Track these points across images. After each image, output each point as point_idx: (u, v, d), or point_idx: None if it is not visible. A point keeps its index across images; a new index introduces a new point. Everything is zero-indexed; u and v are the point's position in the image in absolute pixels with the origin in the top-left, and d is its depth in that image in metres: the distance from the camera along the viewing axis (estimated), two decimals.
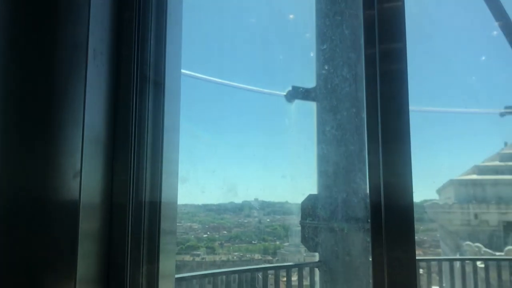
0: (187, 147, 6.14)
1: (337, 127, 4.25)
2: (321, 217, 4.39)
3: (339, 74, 4.23)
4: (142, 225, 1.58)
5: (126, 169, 1.55)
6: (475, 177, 15.99)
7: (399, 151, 1.18)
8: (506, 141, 18.16)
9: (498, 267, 6.28)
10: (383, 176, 1.15)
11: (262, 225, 14.97)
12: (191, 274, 4.71)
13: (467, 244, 13.18)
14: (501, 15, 5.39)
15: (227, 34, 15.84)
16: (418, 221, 17.83)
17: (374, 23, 1.29)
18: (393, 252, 1.09)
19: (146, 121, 1.63)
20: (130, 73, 1.60)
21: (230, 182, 13.19)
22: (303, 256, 7.91)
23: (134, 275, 1.54)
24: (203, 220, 15.08)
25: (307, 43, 4.63)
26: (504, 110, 18.28)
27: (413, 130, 1.27)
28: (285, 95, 4.81)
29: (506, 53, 6.06)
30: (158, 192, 1.63)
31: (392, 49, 1.27)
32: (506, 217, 14.77)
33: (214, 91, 17.46)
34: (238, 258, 14.11)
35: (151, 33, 1.67)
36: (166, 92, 1.70)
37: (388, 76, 1.24)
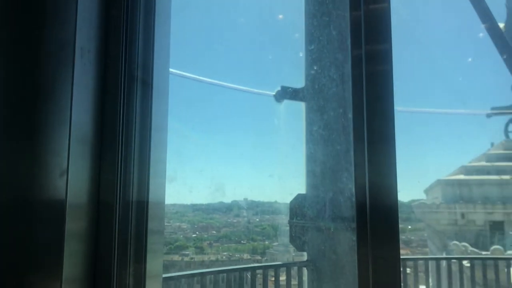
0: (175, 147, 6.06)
1: (324, 127, 4.28)
2: (309, 216, 4.41)
3: (326, 74, 4.26)
4: (129, 225, 1.57)
5: (114, 168, 1.54)
6: (462, 177, 16.17)
7: (384, 151, 1.19)
8: (492, 142, 18.40)
9: (484, 266, 6.37)
10: (368, 176, 1.16)
11: (251, 225, 14.98)
12: (179, 274, 4.70)
13: (454, 244, 13.33)
14: (487, 18, 5.46)
15: (217, 33, 15.83)
16: (406, 221, 17.98)
17: (360, 24, 1.30)
18: (378, 251, 1.10)
19: (133, 120, 1.63)
20: (117, 72, 1.60)
21: (218, 182, 13.16)
22: (292, 256, 7.92)
23: (121, 275, 1.53)
24: (192, 220, 15.04)
25: (296, 44, 4.65)
26: (490, 111, 18.52)
27: (401, 130, 1.28)
28: (274, 95, 4.83)
29: (492, 54, 6.15)
30: (145, 191, 1.62)
31: (378, 50, 1.29)
32: (492, 216, 14.96)
33: (203, 91, 17.42)
34: (227, 258, 14.11)
35: (139, 31, 1.66)
36: (154, 91, 1.70)
37: (374, 77, 1.25)
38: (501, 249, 11.48)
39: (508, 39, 10.79)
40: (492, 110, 18.66)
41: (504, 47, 5.86)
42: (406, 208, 17.30)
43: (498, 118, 19.00)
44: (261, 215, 14.77)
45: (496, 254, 10.15)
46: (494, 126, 18.74)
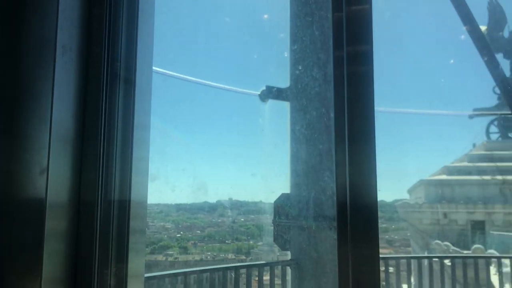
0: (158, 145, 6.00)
1: (307, 127, 4.31)
2: (293, 216, 4.43)
3: (309, 74, 4.28)
4: (110, 224, 1.56)
5: (95, 167, 1.53)
6: (444, 178, 16.41)
7: (364, 151, 1.20)
8: (474, 143, 18.73)
9: (464, 264, 6.48)
10: (349, 176, 1.18)
11: (236, 225, 14.98)
12: (162, 273, 4.67)
13: (436, 243, 13.51)
14: (469, 20, 5.55)
15: (202, 32, 15.79)
16: (390, 220, 18.18)
17: (342, 25, 1.31)
18: (358, 249, 1.11)
19: (116, 119, 1.62)
20: (100, 70, 1.58)
21: (201, 181, 13.11)
22: (277, 255, 7.94)
23: (102, 275, 1.52)
24: (176, 219, 14.97)
25: (281, 43, 4.67)
26: (472, 113, 18.84)
27: (385, 131, 1.30)
28: (259, 94, 4.83)
29: (474, 56, 6.25)
30: (127, 190, 1.61)
31: (359, 51, 1.30)
32: (474, 216, 15.21)
33: (187, 90, 17.36)
34: (212, 257, 14.08)
35: (122, 29, 1.65)
36: (137, 89, 1.69)
37: (355, 78, 1.26)
38: (482, 248, 11.68)
39: (489, 41, 10.98)
40: (474, 111, 19.00)
41: (485, 50, 5.97)
42: (389, 208, 17.49)
43: (480, 119, 19.36)
44: (246, 215, 14.78)
45: (477, 253, 10.33)
46: (476, 127, 19.09)
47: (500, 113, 17.08)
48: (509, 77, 16.05)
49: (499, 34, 18.57)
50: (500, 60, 13.80)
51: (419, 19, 27.80)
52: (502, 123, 18.75)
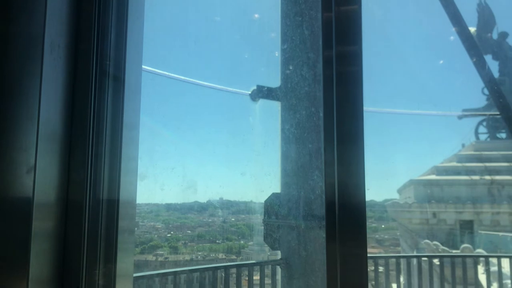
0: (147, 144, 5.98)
1: (296, 126, 4.32)
2: (283, 215, 4.44)
3: (299, 73, 4.30)
4: (99, 224, 1.55)
5: (83, 165, 1.51)
6: (433, 178, 16.54)
7: (353, 151, 1.21)
8: (463, 143, 18.92)
9: (452, 264, 6.55)
10: (337, 175, 1.18)
11: (227, 225, 14.96)
12: (152, 273, 4.65)
13: (425, 242, 13.60)
14: (458, 21, 5.60)
15: (192, 31, 15.73)
16: (379, 220, 18.28)
17: (331, 25, 1.31)
18: (346, 248, 1.12)
19: (104, 117, 1.60)
20: (88, 67, 1.57)
21: (190, 180, 13.05)
22: (267, 255, 7.94)
23: (90, 275, 1.51)
24: (167, 219, 14.91)
25: (272, 43, 4.66)
26: (461, 113, 19.02)
27: (375, 130, 1.30)
28: (250, 94, 4.83)
29: (463, 57, 6.31)
30: (116, 189, 1.60)
31: (348, 51, 1.30)
32: (463, 216, 15.35)
33: (178, 88, 17.24)
34: (202, 257, 14.05)
35: (112, 26, 1.64)
36: (126, 87, 1.68)
37: (344, 78, 1.27)
38: (471, 248, 11.79)
39: (478, 43, 11.09)
40: (463, 112, 19.19)
41: (474, 51, 6.03)
42: (379, 207, 17.60)
43: (469, 120, 19.56)
44: (237, 214, 14.76)
45: (466, 252, 10.42)
46: (465, 127, 19.29)
47: (489, 114, 17.26)
48: (498, 78, 16.23)
49: (487, 36, 18.78)
50: (488, 61, 13.96)
51: (409, 20, 28.01)
52: (490, 123, 18.95)
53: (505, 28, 19.44)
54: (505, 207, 15.02)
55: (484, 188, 15.60)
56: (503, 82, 17.73)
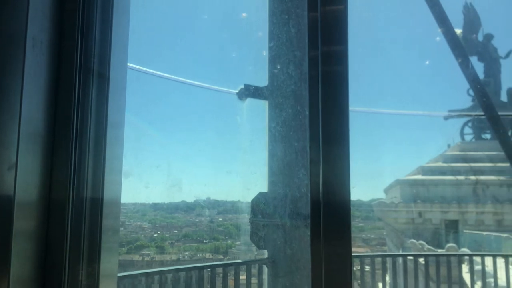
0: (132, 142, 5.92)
1: (283, 124, 4.32)
2: (269, 214, 4.44)
3: (285, 71, 4.30)
4: (82, 223, 1.52)
5: (66, 164, 1.49)
6: (420, 177, 16.72)
7: (338, 150, 1.20)
8: (449, 143, 19.16)
9: (437, 263, 6.62)
10: (322, 174, 1.18)
11: (214, 224, 14.93)
12: (138, 272, 4.61)
13: (411, 242, 13.73)
14: (444, 22, 5.66)
15: (179, 29, 15.63)
16: (366, 220, 18.42)
17: (317, 25, 1.31)
18: (330, 247, 1.11)
19: (89, 115, 1.58)
20: (72, 64, 1.54)
21: (176, 178, 12.97)
22: (255, 255, 7.94)
23: (73, 275, 1.48)
24: (153, 219, 14.82)
25: (260, 42, 4.65)
26: (447, 114, 19.24)
27: (363, 131, 1.30)
28: (237, 93, 4.82)
29: (449, 58, 6.38)
30: (100, 188, 1.57)
31: (334, 51, 1.30)
32: (448, 215, 15.54)
33: (164, 87, 17.15)
34: (189, 257, 14.00)
35: (96, 23, 1.61)
36: (111, 85, 1.65)
37: (329, 77, 1.26)
38: (455, 247, 11.93)
39: (464, 44, 11.21)
40: (449, 112, 19.43)
41: (460, 52, 6.10)
42: (366, 207, 17.72)
43: (454, 121, 19.82)
44: (224, 214, 14.74)
45: (451, 251, 10.53)
46: (451, 128, 19.53)
47: (474, 114, 17.49)
48: (483, 80, 16.46)
49: (473, 37, 19.03)
50: (474, 63, 14.14)
51: (396, 20, 28.26)
52: (476, 124, 19.22)
53: (490, 30, 19.75)
54: (489, 207, 15.24)
55: (469, 188, 15.81)
56: (488, 83, 18.00)
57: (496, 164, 15.46)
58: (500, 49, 19.79)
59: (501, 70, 19.91)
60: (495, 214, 15.18)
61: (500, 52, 19.84)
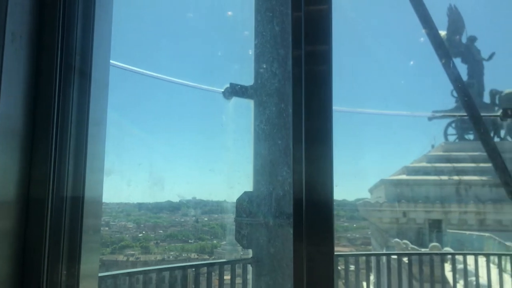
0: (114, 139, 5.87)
1: (267, 122, 4.32)
2: (254, 213, 4.43)
3: (269, 69, 4.30)
4: (62, 223, 1.49)
5: (46, 162, 1.46)
6: (404, 177, 16.88)
7: (321, 150, 1.20)
8: (433, 144, 19.40)
9: (420, 262, 6.69)
10: (305, 173, 1.17)
11: (199, 224, 14.88)
12: (121, 272, 4.56)
13: (395, 241, 13.85)
14: (428, 23, 5.71)
15: (164, 27, 15.47)
16: (351, 219, 18.54)
17: (301, 24, 1.30)
18: (312, 246, 1.11)
19: (69, 112, 1.55)
20: (52, 60, 1.51)
21: (158, 176, 12.87)
22: (240, 254, 7.93)
23: (52, 276, 1.45)
24: (138, 219, 14.71)
25: (246, 41, 4.64)
26: (431, 115, 19.47)
27: (348, 131, 1.30)
28: (223, 92, 4.81)
29: (433, 59, 6.44)
30: (81, 187, 1.54)
31: (318, 51, 1.29)
32: (432, 215, 15.73)
33: (149, 85, 17.01)
34: (174, 257, 13.93)
35: (78, 18, 1.58)
36: (93, 82, 1.62)
37: (313, 77, 1.26)
38: (439, 246, 12.07)
39: (448, 46, 11.35)
40: (433, 113, 19.66)
41: (443, 53, 6.16)
42: (351, 207, 17.84)
43: (438, 121, 20.08)
44: (210, 214, 14.69)
45: (435, 251, 10.65)
46: (435, 128, 19.78)
47: (458, 115, 17.72)
48: (466, 81, 16.69)
49: (457, 40, 19.29)
50: (457, 65, 14.33)
51: (381, 20, 28.53)
52: (459, 125, 19.49)
53: (473, 32, 20.04)
54: (471, 207, 15.46)
55: (452, 188, 16.02)
56: (471, 85, 18.27)
57: (479, 165, 15.69)
58: (483, 51, 20.12)
59: (484, 72, 20.24)
60: (477, 213, 15.41)
61: (483, 54, 20.16)
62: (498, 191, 14.05)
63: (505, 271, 7.24)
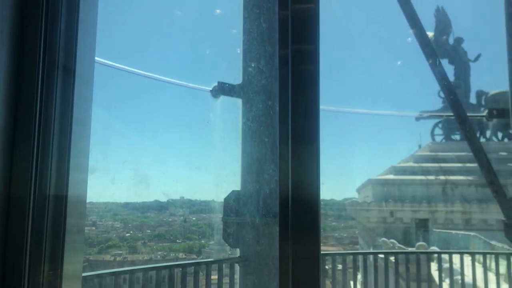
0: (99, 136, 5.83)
1: (253, 120, 4.31)
2: (241, 212, 4.41)
3: (256, 66, 4.28)
4: (45, 222, 1.46)
5: (28, 160, 1.42)
6: (391, 177, 16.98)
7: (308, 149, 1.19)
8: (420, 144, 19.55)
9: (407, 260, 6.74)
10: (291, 173, 1.16)
11: (187, 224, 14.79)
12: (107, 272, 4.51)
13: (382, 240, 13.92)
14: (415, 23, 5.75)
15: (152, 25, 15.34)
16: (339, 219, 18.60)
17: (288, 23, 1.29)
18: (298, 245, 1.09)
19: (53, 109, 1.52)
20: (35, 55, 1.48)
21: (143, 174, 12.77)
22: (228, 254, 7.91)
23: (34, 276, 1.42)
24: (126, 218, 14.58)
25: (234, 39, 4.61)
26: (419, 115, 19.63)
27: (336, 130, 1.29)
28: (211, 90, 4.78)
29: (421, 59, 6.49)
30: (64, 186, 1.51)
31: (304, 50, 1.28)
32: (418, 215, 15.84)
33: (135, 83, 16.81)
34: (162, 257, 13.83)
35: (62, 13, 1.55)
36: (77, 79, 1.59)
37: (299, 76, 1.25)
38: (425, 245, 12.15)
39: (435, 47, 11.44)
40: (420, 113, 19.81)
41: (431, 54, 6.21)
42: (339, 206, 17.90)
43: (425, 121, 20.25)
44: (198, 213, 14.62)
45: (421, 250, 10.73)
46: (422, 129, 19.95)
47: (445, 115, 17.88)
48: (453, 82, 16.86)
49: (445, 41, 19.47)
50: (445, 65, 14.47)
51: (368, 20, 28.67)
52: (446, 125, 19.67)
53: (460, 33, 20.25)
54: (458, 206, 15.61)
55: (438, 188, 16.16)
56: (458, 86, 18.46)
57: (465, 165, 15.85)
58: (470, 52, 20.35)
59: (471, 73, 20.47)
60: (463, 213, 15.57)
61: (469, 56, 20.39)
62: (483, 191, 14.20)
63: (490, 270, 7.31)
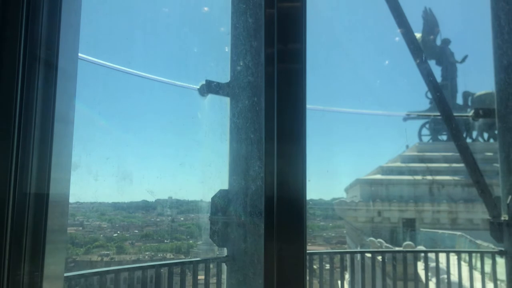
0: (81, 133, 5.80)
1: (239, 116, 4.29)
2: (228, 211, 4.39)
3: (242, 62, 4.26)
4: (25, 221, 1.42)
5: (7, 157, 1.38)
6: (379, 177, 17.09)
7: (293, 148, 1.17)
8: (407, 144, 19.71)
9: (394, 259, 6.78)
10: (277, 172, 1.14)
11: (175, 224, 14.70)
12: (92, 271, 4.45)
13: (370, 240, 14.01)
14: (403, 24, 5.78)
15: (139, 22, 15.18)
16: (328, 218, 18.66)
17: (273, 22, 1.27)
18: (283, 244, 1.08)
19: (34, 106, 1.47)
20: (15, 50, 1.44)
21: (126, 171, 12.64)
22: (216, 254, 7.87)
23: (14, 276, 1.38)
24: (113, 218, 14.44)
25: (222, 37, 4.58)
26: (406, 115, 19.80)
27: (325, 130, 1.27)
28: (198, 88, 4.75)
29: (408, 59, 6.52)
30: (45, 184, 1.47)
31: (290, 49, 1.27)
32: (406, 214, 15.97)
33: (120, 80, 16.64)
34: (149, 257, 13.73)
35: (44, 6, 1.51)
36: (60, 75, 1.55)
37: (285, 75, 1.23)
38: (412, 245, 12.25)
39: (423, 48, 11.54)
40: (408, 113, 19.99)
41: (418, 55, 6.25)
42: (327, 206, 17.96)
43: (413, 122, 20.44)
44: (186, 213, 14.54)
45: (408, 249, 10.80)
46: (410, 129, 20.11)
47: (433, 115, 18.05)
48: (440, 83, 17.01)
49: (432, 42, 19.66)
50: (432, 66, 14.59)
51: (356, 19, 28.82)
52: (433, 126, 19.87)
53: (447, 35, 20.46)
54: (444, 206, 15.77)
55: (425, 188, 16.30)
56: (445, 86, 18.66)
57: (451, 165, 16.03)
58: (457, 54, 20.58)
59: (457, 74, 20.71)
60: (449, 213, 15.74)
61: (456, 57, 20.62)
62: (469, 191, 14.37)
63: (475, 269, 7.39)
